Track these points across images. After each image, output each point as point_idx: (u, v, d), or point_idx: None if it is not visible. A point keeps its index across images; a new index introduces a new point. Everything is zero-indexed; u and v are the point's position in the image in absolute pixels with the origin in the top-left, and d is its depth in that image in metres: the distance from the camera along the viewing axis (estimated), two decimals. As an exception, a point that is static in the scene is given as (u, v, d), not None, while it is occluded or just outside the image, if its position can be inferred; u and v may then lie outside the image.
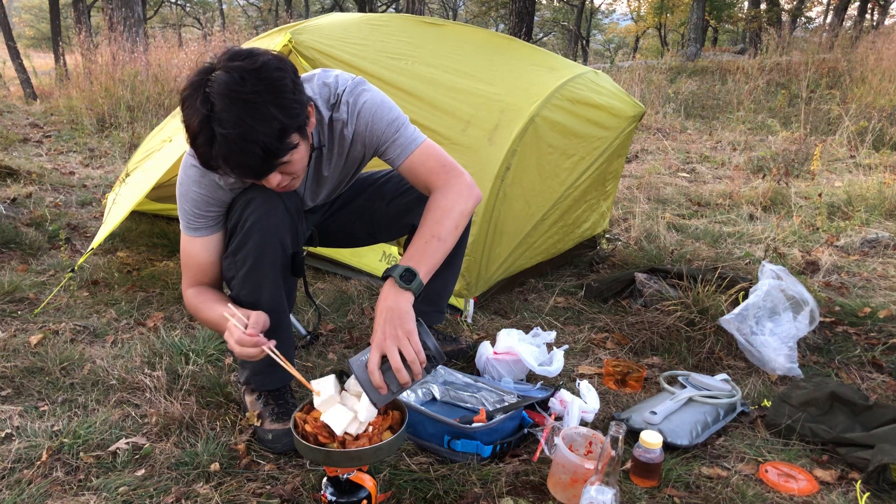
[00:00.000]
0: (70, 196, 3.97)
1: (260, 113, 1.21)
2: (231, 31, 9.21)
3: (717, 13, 19.68)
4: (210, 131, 1.21)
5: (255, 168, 1.28)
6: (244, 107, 1.20)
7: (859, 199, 4.05)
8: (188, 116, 1.24)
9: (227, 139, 1.21)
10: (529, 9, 10.48)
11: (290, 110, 1.26)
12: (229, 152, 1.23)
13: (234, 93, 1.20)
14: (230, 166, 1.26)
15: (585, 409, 1.76)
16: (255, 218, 1.49)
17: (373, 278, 2.72)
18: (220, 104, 1.20)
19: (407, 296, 1.34)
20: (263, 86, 1.22)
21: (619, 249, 3.30)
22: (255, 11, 27.59)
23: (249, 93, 1.20)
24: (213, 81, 1.21)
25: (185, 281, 1.60)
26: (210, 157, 1.25)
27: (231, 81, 1.20)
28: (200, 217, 1.53)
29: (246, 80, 1.21)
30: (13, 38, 9.60)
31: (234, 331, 1.38)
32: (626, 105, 2.92)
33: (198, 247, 1.56)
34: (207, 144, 1.23)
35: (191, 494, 1.45)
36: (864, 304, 2.53)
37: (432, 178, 1.53)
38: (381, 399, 1.29)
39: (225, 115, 1.20)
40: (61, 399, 1.82)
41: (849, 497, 1.52)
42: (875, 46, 8.62)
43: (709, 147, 6.30)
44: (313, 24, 2.59)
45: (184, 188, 1.51)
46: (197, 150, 1.26)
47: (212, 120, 1.21)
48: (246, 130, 1.21)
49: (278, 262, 1.56)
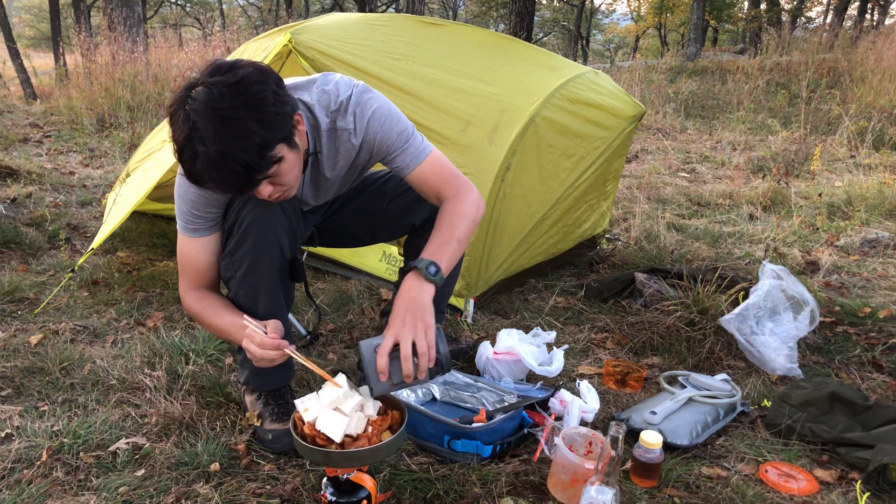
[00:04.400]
0: (70, 196, 3.97)
1: (238, 129, 1.21)
2: (231, 31, 9.21)
3: (717, 13, 19.66)
4: (193, 149, 1.21)
5: (237, 185, 1.27)
6: (222, 123, 1.20)
7: (859, 199, 4.05)
8: (174, 133, 1.24)
9: (208, 157, 1.20)
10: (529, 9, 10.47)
11: (272, 123, 1.25)
12: (210, 169, 1.23)
13: (213, 110, 1.19)
14: (213, 182, 1.26)
15: (585, 409, 1.76)
16: (252, 218, 1.49)
17: (373, 278, 2.72)
18: (201, 121, 1.19)
19: (430, 288, 1.35)
20: (242, 100, 1.21)
21: (619, 249, 3.30)
22: (255, 11, 27.58)
23: (228, 108, 1.20)
24: (193, 98, 1.21)
25: (184, 283, 1.59)
26: (195, 172, 1.25)
27: (210, 98, 1.20)
28: (199, 218, 1.53)
29: (225, 96, 1.20)
30: (13, 38, 9.59)
31: (254, 335, 1.39)
32: (626, 105, 2.92)
33: (195, 248, 1.56)
34: (191, 161, 1.23)
35: (191, 494, 1.45)
36: (864, 304, 2.53)
37: (444, 186, 1.56)
38: (379, 388, 1.28)
39: (205, 132, 1.19)
40: (61, 399, 1.82)
41: (849, 497, 1.52)
42: (875, 46, 8.62)
43: (709, 147, 6.30)
44: (313, 24, 2.59)
45: (182, 189, 1.51)
46: (183, 165, 1.26)
47: (193, 138, 1.20)
48: (225, 148, 1.20)
49: (276, 263, 1.56)
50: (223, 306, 1.54)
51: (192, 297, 1.57)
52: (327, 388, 1.32)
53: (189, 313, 1.59)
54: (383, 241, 2.02)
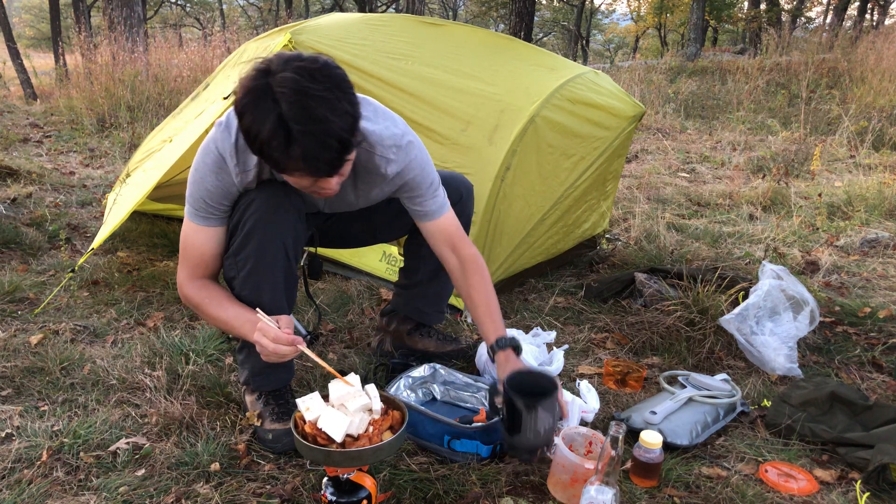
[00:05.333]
0: (70, 196, 3.97)
1: (335, 108, 1.23)
2: (231, 31, 9.20)
3: (717, 13, 19.66)
4: (286, 131, 1.21)
5: (331, 163, 1.28)
6: (321, 103, 1.21)
7: (859, 199, 4.05)
8: (256, 122, 1.22)
9: (308, 135, 1.21)
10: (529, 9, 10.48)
11: (357, 105, 1.29)
12: (309, 149, 1.23)
13: (308, 89, 1.21)
14: (308, 164, 1.25)
15: (585, 409, 1.76)
16: (257, 218, 1.49)
17: (373, 278, 2.72)
18: (298, 103, 1.20)
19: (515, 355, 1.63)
20: (333, 83, 1.24)
21: (619, 249, 3.30)
22: (255, 11, 27.59)
23: (323, 90, 1.22)
24: (279, 83, 1.21)
25: (184, 272, 1.56)
26: (287, 158, 1.24)
27: (302, 80, 1.21)
28: (211, 208, 1.51)
29: (316, 79, 1.22)
30: (13, 38, 9.59)
31: (267, 329, 1.39)
32: (626, 105, 2.92)
33: (203, 237, 1.54)
34: (283, 146, 1.22)
35: (191, 494, 1.45)
36: (864, 304, 2.53)
37: (461, 242, 1.73)
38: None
39: (301, 112, 1.20)
40: (61, 399, 1.82)
41: (849, 497, 1.52)
42: (875, 46, 8.63)
43: (709, 147, 6.30)
44: (313, 24, 2.59)
45: (199, 174, 1.48)
46: (271, 153, 1.25)
47: (287, 119, 1.20)
48: (325, 126, 1.22)
49: (280, 264, 1.55)
50: (226, 297, 1.54)
51: (193, 286, 1.55)
52: (336, 384, 1.33)
53: (187, 302, 1.56)
54: (384, 241, 2.02)
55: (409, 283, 2.04)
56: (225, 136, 1.46)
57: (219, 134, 1.47)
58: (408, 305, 2.08)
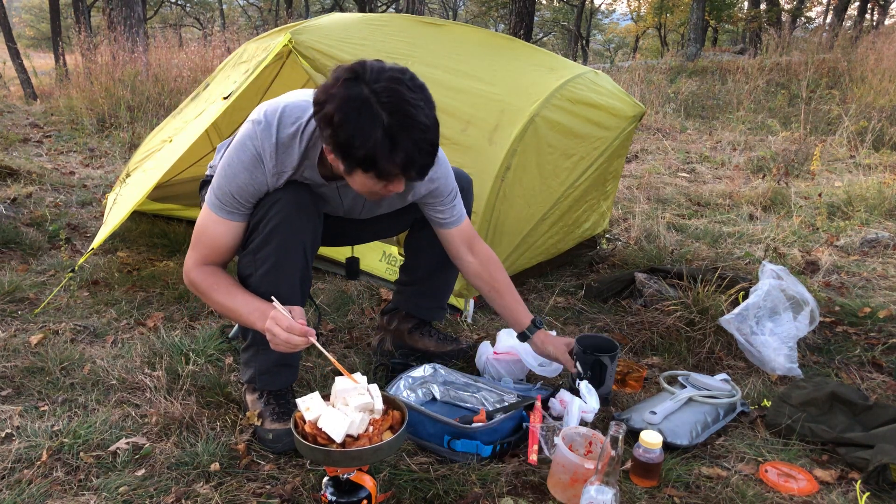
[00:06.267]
0: (70, 196, 3.97)
1: (428, 115, 1.31)
2: (231, 31, 9.20)
3: (717, 13, 19.66)
4: (392, 140, 1.26)
5: (425, 167, 1.35)
6: (419, 111, 1.28)
7: (859, 199, 4.05)
8: (360, 133, 1.26)
9: (412, 143, 1.27)
10: (529, 9, 10.48)
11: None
12: (411, 155, 1.28)
13: (411, 100, 1.28)
14: (405, 169, 1.31)
15: (585, 409, 1.76)
16: (282, 218, 1.50)
17: (373, 278, 2.72)
18: (400, 111, 1.26)
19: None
20: (423, 93, 1.32)
21: (619, 249, 3.30)
22: (255, 11, 27.59)
23: (419, 99, 1.29)
24: (380, 94, 1.26)
25: (194, 257, 1.55)
26: (393, 165, 1.29)
27: (403, 90, 1.27)
28: (239, 204, 1.51)
29: (411, 88, 1.29)
30: (13, 38, 9.60)
31: (281, 318, 1.39)
32: (626, 105, 2.92)
33: (222, 229, 1.54)
34: (390, 153, 1.27)
35: (191, 494, 1.45)
36: (864, 304, 2.53)
37: (475, 240, 1.86)
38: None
39: (406, 122, 1.26)
40: (61, 399, 1.82)
41: (849, 497, 1.52)
42: (875, 46, 8.62)
43: (709, 147, 6.30)
44: (313, 24, 2.59)
45: (232, 170, 1.49)
46: (377, 164, 1.29)
47: (393, 128, 1.25)
48: (426, 134, 1.29)
49: (299, 264, 1.56)
50: (234, 285, 1.54)
51: (201, 271, 1.54)
52: (343, 379, 1.33)
53: (193, 287, 1.55)
54: (385, 237, 2.03)
55: (411, 280, 2.04)
56: (265, 136, 1.46)
57: (258, 132, 1.47)
58: (409, 302, 2.08)
